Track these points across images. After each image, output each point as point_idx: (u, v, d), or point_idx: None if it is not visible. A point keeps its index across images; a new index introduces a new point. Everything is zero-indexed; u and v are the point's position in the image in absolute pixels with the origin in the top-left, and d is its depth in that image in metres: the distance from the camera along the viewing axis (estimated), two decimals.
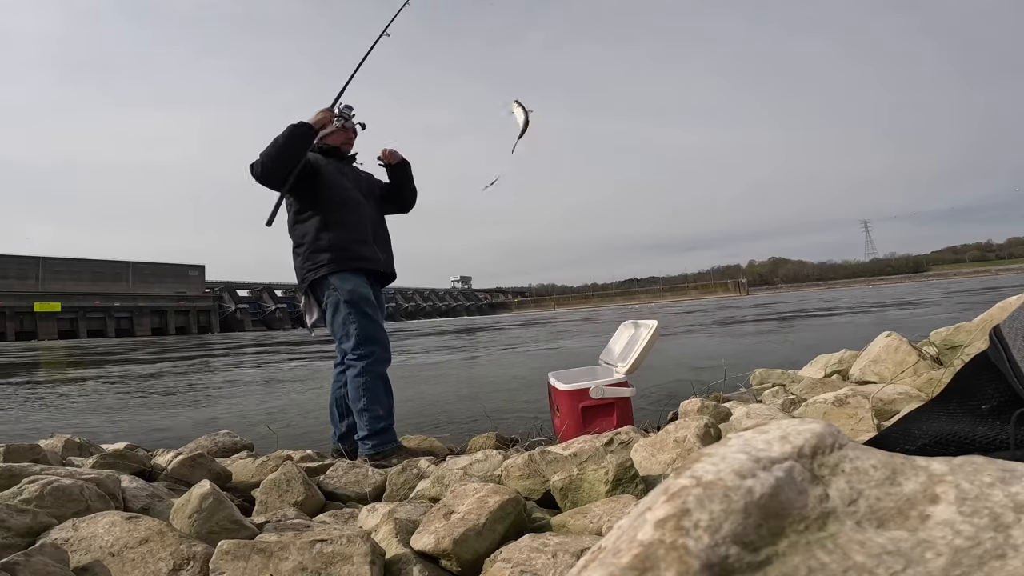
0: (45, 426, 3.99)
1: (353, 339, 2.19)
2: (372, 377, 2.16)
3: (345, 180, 2.39)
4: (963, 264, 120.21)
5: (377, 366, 2.20)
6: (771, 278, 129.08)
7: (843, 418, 1.66)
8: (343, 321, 2.21)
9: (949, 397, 0.61)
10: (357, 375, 2.17)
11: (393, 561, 1.02)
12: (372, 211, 2.44)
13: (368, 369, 2.16)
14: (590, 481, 1.30)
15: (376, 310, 2.28)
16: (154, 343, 28.30)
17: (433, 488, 1.52)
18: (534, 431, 2.69)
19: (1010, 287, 16.35)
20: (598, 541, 0.39)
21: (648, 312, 26.27)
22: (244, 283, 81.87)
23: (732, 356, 5.09)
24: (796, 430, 0.39)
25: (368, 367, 2.17)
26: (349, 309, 2.20)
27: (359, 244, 2.32)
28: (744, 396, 2.61)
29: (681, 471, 0.38)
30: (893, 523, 0.35)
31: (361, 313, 2.21)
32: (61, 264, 62.22)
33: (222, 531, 1.09)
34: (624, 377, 2.28)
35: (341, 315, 2.22)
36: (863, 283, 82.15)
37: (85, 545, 0.99)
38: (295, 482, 1.58)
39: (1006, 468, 0.36)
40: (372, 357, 2.18)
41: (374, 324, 2.23)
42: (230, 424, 3.13)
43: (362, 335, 2.19)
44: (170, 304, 67.96)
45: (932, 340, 2.40)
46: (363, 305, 2.22)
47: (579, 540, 0.98)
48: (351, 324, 2.20)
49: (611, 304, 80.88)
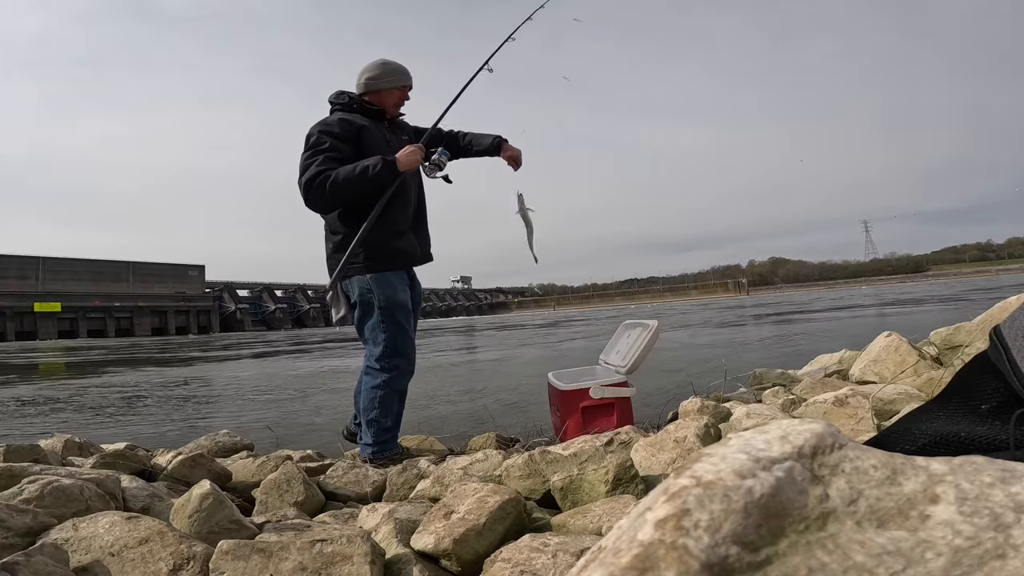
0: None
1: (380, 348, 2.08)
2: (390, 391, 2.08)
3: (389, 149, 2.13)
4: (963, 264, 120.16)
5: (398, 381, 2.11)
6: (771, 278, 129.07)
7: (843, 418, 1.66)
8: (372, 326, 2.10)
9: (949, 397, 0.61)
10: (376, 386, 2.08)
11: (393, 561, 1.02)
12: (415, 185, 2.25)
13: (389, 383, 2.08)
14: (590, 481, 1.30)
15: (409, 317, 2.16)
16: (192, 342, 27.68)
17: (433, 488, 1.52)
18: (534, 431, 2.69)
19: (1010, 287, 16.35)
20: (598, 541, 0.39)
21: (649, 311, 26.28)
22: (244, 283, 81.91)
23: (732, 356, 5.09)
24: (796, 430, 0.39)
25: (390, 381, 2.08)
26: (382, 316, 2.08)
27: (397, 237, 2.15)
28: (744, 396, 2.61)
29: (681, 471, 0.38)
30: (893, 523, 0.35)
31: (393, 322, 2.09)
32: (61, 264, 62.26)
33: (222, 531, 1.09)
34: (624, 377, 2.28)
35: (372, 319, 2.10)
36: (863, 283, 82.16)
37: (85, 545, 0.99)
38: (295, 482, 1.58)
39: (1006, 468, 0.36)
40: (395, 371, 2.08)
41: (404, 335, 2.11)
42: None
43: (391, 347, 2.08)
44: (170, 304, 68.00)
45: (932, 340, 2.40)
46: (397, 314, 2.10)
47: (579, 540, 0.98)
48: (381, 332, 2.08)
49: (611, 304, 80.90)
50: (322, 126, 2.10)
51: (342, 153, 2.05)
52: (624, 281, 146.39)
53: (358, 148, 2.10)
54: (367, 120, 2.18)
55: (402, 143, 2.21)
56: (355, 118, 2.16)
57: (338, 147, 2.05)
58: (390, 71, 2.22)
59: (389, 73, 2.21)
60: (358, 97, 2.22)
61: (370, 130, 2.15)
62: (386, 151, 2.10)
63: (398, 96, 2.25)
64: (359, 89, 2.22)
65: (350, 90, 2.25)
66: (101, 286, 63.63)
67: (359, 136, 2.11)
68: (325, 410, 4.34)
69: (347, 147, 2.08)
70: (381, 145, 2.13)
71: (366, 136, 2.12)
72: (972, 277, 60.33)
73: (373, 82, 2.20)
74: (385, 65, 2.23)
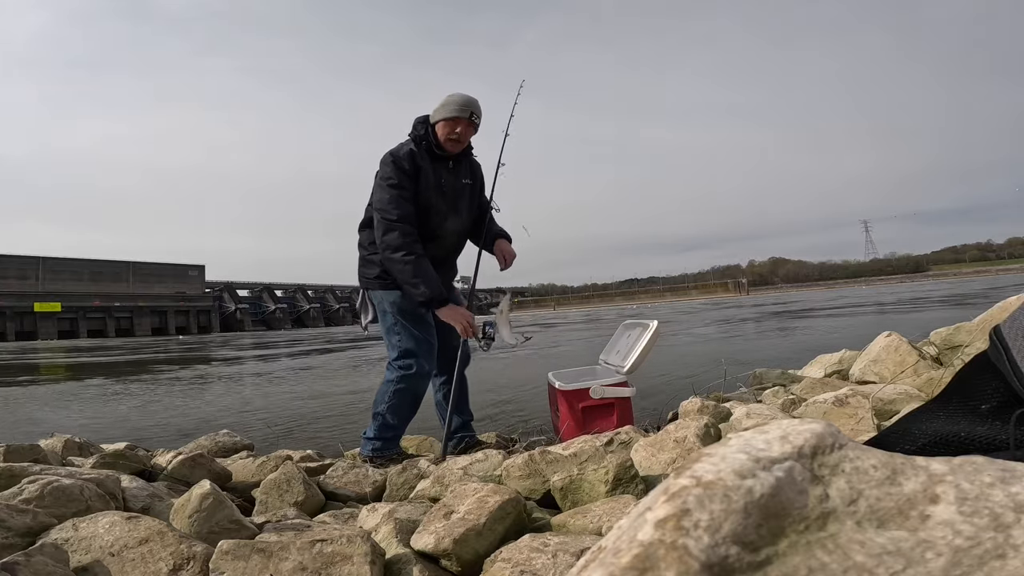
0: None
1: (395, 351, 2.21)
2: (404, 390, 2.16)
3: (438, 193, 2.22)
4: (963, 264, 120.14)
5: (412, 381, 2.17)
6: (771, 278, 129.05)
7: (843, 418, 1.66)
8: (387, 330, 2.25)
9: (949, 397, 0.61)
10: (389, 382, 2.18)
11: (393, 561, 1.02)
12: (455, 222, 2.30)
13: (402, 381, 2.16)
14: (590, 481, 1.30)
15: (422, 324, 2.23)
16: (213, 341, 27.55)
17: (433, 488, 1.52)
18: (534, 431, 2.69)
19: (1010, 287, 16.36)
20: (598, 541, 0.39)
21: (649, 311, 26.28)
22: (244, 283, 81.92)
23: (732, 356, 5.09)
24: (796, 430, 0.39)
25: (404, 379, 2.16)
26: (395, 320, 2.21)
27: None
28: (744, 396, 2.61)
29: (681, 471, 0.38)
30: (893, 523, 0.35)
31: (404, 326, 2.20)
32: (61, 264, 62.29)
33: (222, 531, 1.09)
34: (624, 377, 2.28)
35: (387, 323, 2.24)
36: (863, 283, 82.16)
37: (85, 545, 0.99)
38: (295, 482, 1.58)
39: (1006, 468, 0.36)
40: (410, 371, 2.16)
41: (414, 338, 2.20)
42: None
43: (402, 348, 2.19)
44: (170, 304, 68.04)
45: (932, 340, 2.41)
46: (409, 320, 2.20)
47: (579, 540, 0.98)
48: (394, 335, 2.22)
49: (611, 304, 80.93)
50: (395, 158, 2.17)
51: (408, 191, 2.16)
52: (624, 281, 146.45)
53: (416, 185, 2.18)
54: (427, 160, 2.21)
55: (458, 185, 2.28)
56: (419, 154, 2.20)
57: (404, 185, 2.14)
58: (448, 103, 2.19)
59: (445, 105, 2.19)
60: (431, 128, 2.23)
61: (426, 172, 2.19)
62: (436, 194, 2.20)
63: (448, 128, 2.18)
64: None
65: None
66: (101, 286, 63.67)
67: (418, 175, 2.18)
68: (326, 409, 4.34)
69: (412, 184, 2.17)
70: (431, 189, 2.20)
71: (422, 178, 2.18)
72: (972, 277, 60.33)
73: (435, 114, 2.22)
74: (448, 97, 2.21)
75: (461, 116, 2.17)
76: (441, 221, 2.24)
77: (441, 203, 2.23)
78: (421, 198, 2.18)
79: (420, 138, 2.21)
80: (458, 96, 2.20)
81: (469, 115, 2.18)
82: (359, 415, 3.81)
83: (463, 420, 2.38)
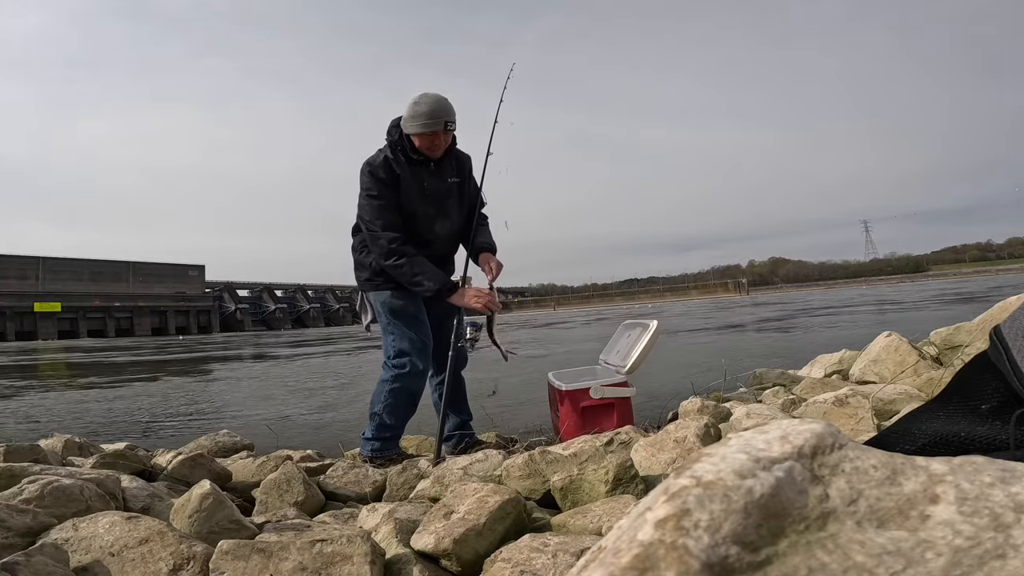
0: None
1: (390, 350, 2.23)
2: (398, 390, 2.16)
3: (421, 198, 2.16)
4: (963, 264, 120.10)
5: (409, 379, 2.16)
6: (771, 278, 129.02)
7: (843, 418, 1.66)
8: (383, 329, 2.28)
9: (949, 397, 0.61)
10: (385, 382, 2.19)
11: (393, 561, 1.02)
12: (445, 225, 2.27)
13: (397, 380, 2.16)
14: (590, 481, 1.30)
15: (415, 323, 2.23)
16: (231, 341, 27.61)
17: (433, 488, 1.52)
18: (534, 431, 2.69)
19: (1010, 287, 16.35)
20: (598, 541, 0.39)
21: (649, 311, 26.28)
22: (244, 283, 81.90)
23: (732, 356, 5.08)
24: (796, 430, 0.39)
25: (398, 378, 2.16)
26: (388, 319, 2.24)
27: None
28: (744, 396, 2.61)
29: (681, 471, 0.38)
30: (893, 523, 0.35)
31: (397, 326, 2.22)
32: (61, 264, 62.26)
33: (222, 531, 1.09)
34: (624, 377, 2.28)
35: (382, 323, 2.28)
36: (863, 283, 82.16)
37: (85, 545, 0.99)
38: (295, 482, 1.58)
39: (1006, 468, 0.36)
40: (404, 369, 2.16)
41: (406, 338, 2.19)
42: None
43: (396, 348, 2.20)
44: (170, 304, 68.01)
45: (932, 340, 2.41)
46: (399, 318, 2.22)
47: (579, 540, 0.98)
48: (388, 335, 2.25)
49: (611, 304, 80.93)
50: (371, 168, 2.13)
51: (390, 200, 2.13)
52: (624, 281, 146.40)
53: (397, 193, 2.15)
54: (405, 166, 2.14)
55: (443, 187, 2.21)
56: (396, 161, 2.13)
57: (384, 194, 2.12)
58: (416, 115, 2.07)
59: (414, 117, 2.08)
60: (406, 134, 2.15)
61: (406, 179, 2.14)
62: (420, 199, 2.17)
63: (427, 141, 2.10)
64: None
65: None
66: (101, 286, 63.64)
67: (397, 183, 2.14)
68: (326, 409, 4.34)
69: (392, 193, 2.14)
70: (415, 195, 2.16)
71: (403, 186, 2.14)
72: (972, 277, 60.32)
73: (404, 125, 2.12)
74: (415, 106, 2.08)
75: (435, 131, 2.08)
76: (430, 226, 2.23)
77: (427, 208, 2.19)
78: (404, 206, 2.14)
79: (395, 143, 2.14)
80: (425, 106, 2.06)
81: (444, 125, 2.08)
82: (359, 415, 3.81)
83: (462, 420, 2.38)
